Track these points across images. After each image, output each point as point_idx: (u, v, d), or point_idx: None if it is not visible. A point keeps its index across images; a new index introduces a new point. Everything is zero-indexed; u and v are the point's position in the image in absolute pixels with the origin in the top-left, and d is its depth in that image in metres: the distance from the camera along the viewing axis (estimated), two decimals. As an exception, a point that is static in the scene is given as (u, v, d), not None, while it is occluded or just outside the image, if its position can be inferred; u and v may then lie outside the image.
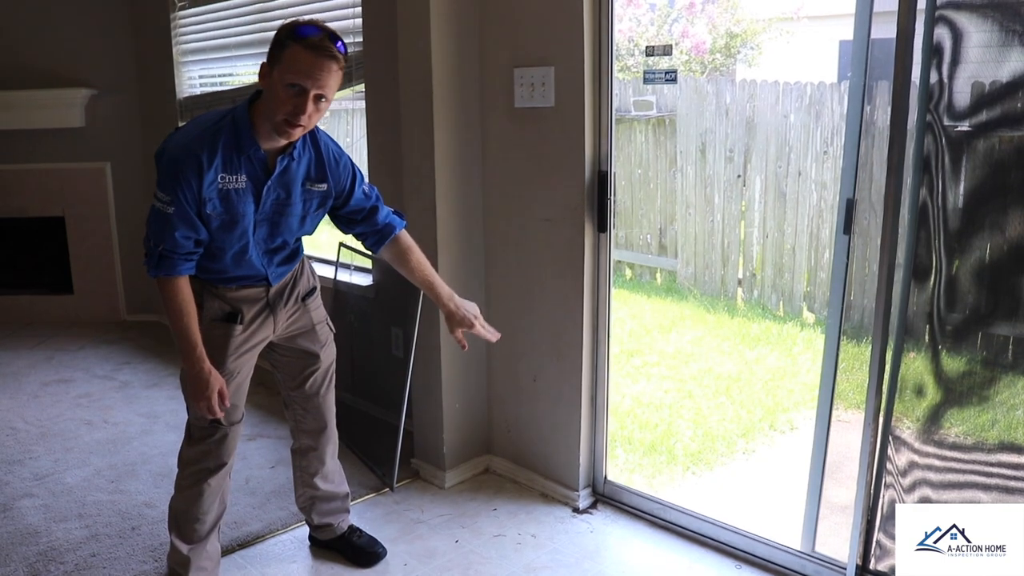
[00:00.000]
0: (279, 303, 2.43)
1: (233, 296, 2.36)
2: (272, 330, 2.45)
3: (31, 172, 5.56)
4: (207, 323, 2.32)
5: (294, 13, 4.01)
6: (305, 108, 2.05)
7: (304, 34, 2.04)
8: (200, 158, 2.09)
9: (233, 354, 2.37)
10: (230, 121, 2.16)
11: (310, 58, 2.02)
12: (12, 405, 4.28)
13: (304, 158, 2.27)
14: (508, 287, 3.21)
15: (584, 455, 3.11)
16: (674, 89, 6.55)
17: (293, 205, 2.29)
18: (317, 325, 2.56)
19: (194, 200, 2.12)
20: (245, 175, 2.17)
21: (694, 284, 6.54)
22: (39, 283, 5.89)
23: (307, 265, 2.57)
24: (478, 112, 3.12)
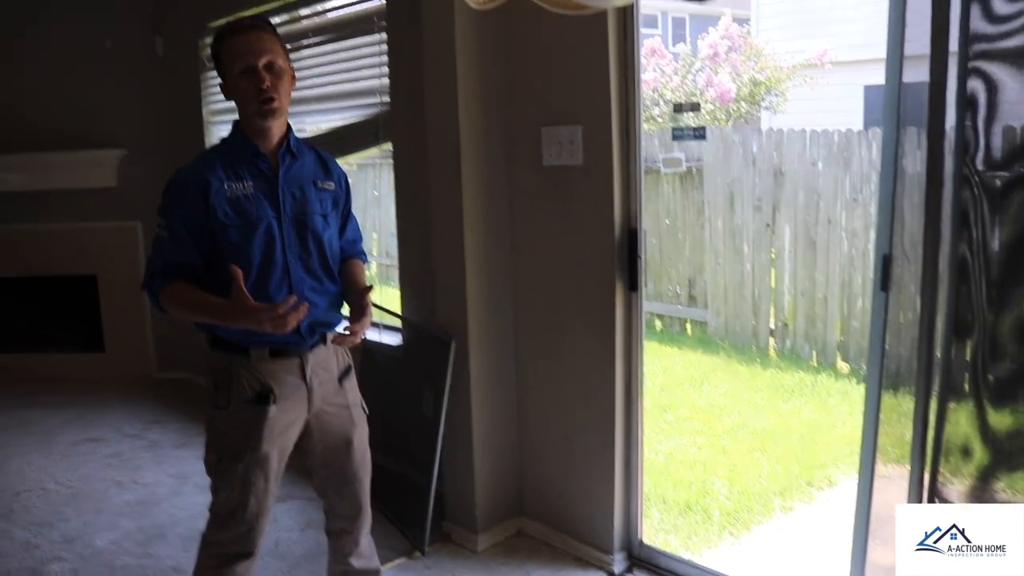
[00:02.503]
0: (315, 379, 2.27)
1: (267, 368, 2.20)
2: (307, 409, 2.28)
3: (64, 231, 5.64)
4: (237, 404, 2.18)
5: (321, 72, 4.07)
6: (264, 79, 2.08)
7: (223, 29, 2.15)
8: (200, 173, 2.12)
9: (268, 437, 2.20)
10: (222, 141, 2.25)
11: (239, 40, 2.10)
12: (43, 464, 4.28)
13: (308, 157, 2.30)
14: (539, 346, 3.17)
15: (618, 517, 3.04)
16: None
17: (311, 203, 2.24)
18: (352, 408, 2.41)
19: (194, 215, 2.10)
20: (251, 182, 2.16)
21: (725, 335, 6.47)
22: (71, 341, 5.93)
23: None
24: (506, 171, 3.11)
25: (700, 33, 9.11)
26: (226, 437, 2.22)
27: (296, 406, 2.25)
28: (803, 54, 9.31)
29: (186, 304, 2.11)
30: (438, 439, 3.21)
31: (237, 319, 2.02)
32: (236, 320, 2.03)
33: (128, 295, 5.66)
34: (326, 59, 4.04)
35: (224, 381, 2.19)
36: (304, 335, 2.22)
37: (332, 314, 2.34)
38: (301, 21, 4.24)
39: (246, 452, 2.18)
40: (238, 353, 2.19)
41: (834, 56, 9.60)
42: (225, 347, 2.20)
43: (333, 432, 2.37)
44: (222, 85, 2.17)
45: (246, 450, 2.18)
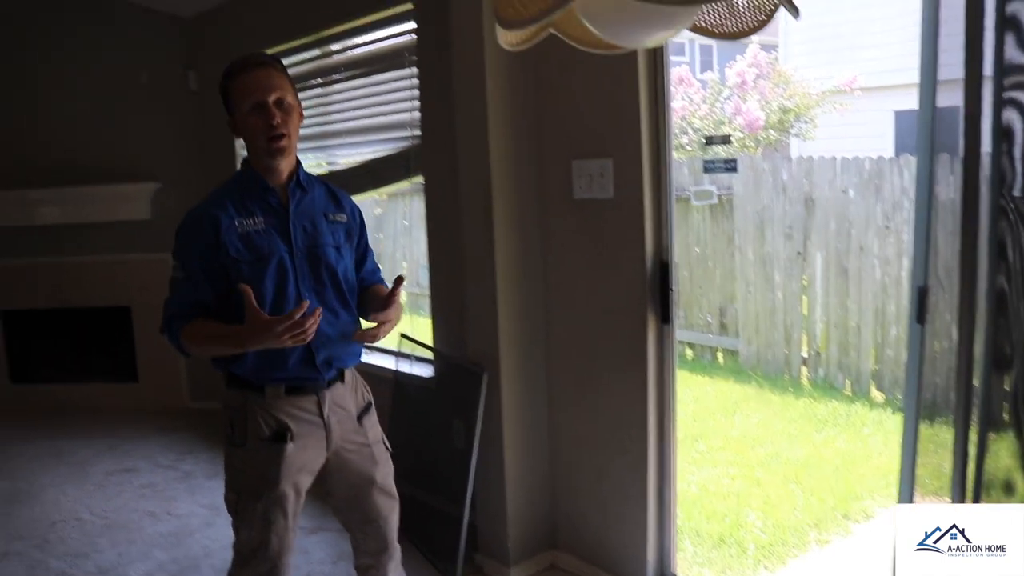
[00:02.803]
0: (333, 417, 2.25)
1: (283, 406, 2.18)
2: (326, 448, 2.25)
3: (100, 264, 5.72)
4: (253, 443, 2.16)
5: (353, 106, 4.11)
6: (274, 115, 2.10)
7: (232, 66, 2.15)
8: (210, 211, 2.12)
9: (286, 475, 2.17)
10: (232, 180, 2.24)
11: (249, 77, 2.11)
12: (78, 495, 4.32)
13: (317, 190, 2.29)
14: (571, 379, 3.17)
15: (652, 551, 3.01)
16: (729, 166, 6.54)
17: (323, 235, 2.23)
18: (374, 445, 2.37)
19: (207, 253, 2.10)
20: (262, 217, 2.15)
21: (757, 364, 6.42)
22: (105, 371, 6.00)
23: (360, 379, 2.42)
24: (537, 204, 3.12)
25: (728, 61, 9.12)
26: (244, 475, 2.20)
27: (314, 444, 2.23)
28: (832, 80, 9.28)
29: (205, 338, 2.10)
30: (470, 471, 3.20)
31: (256, 338, 1.98)
32: (255, 339, 1.99)
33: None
34: (357, 93, 4.08)
35: (240, 419, 2.18)
36: (320, 369, 2.20)
37: (349, 345, 2.30)
38: (332, 56, 4.29)
39: (264, 491, 2.16)
40: (253, 391, 2.17)
41: (863, 82, 9.57)
42: (241, 385, 2.19)
43: (354, 471, 2.33)
44: (231, 122, 2.17)
45: (264, 489, 2.16)
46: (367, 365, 4.08)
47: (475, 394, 3.14)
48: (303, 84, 4.48)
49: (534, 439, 3.25)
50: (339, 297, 2.25)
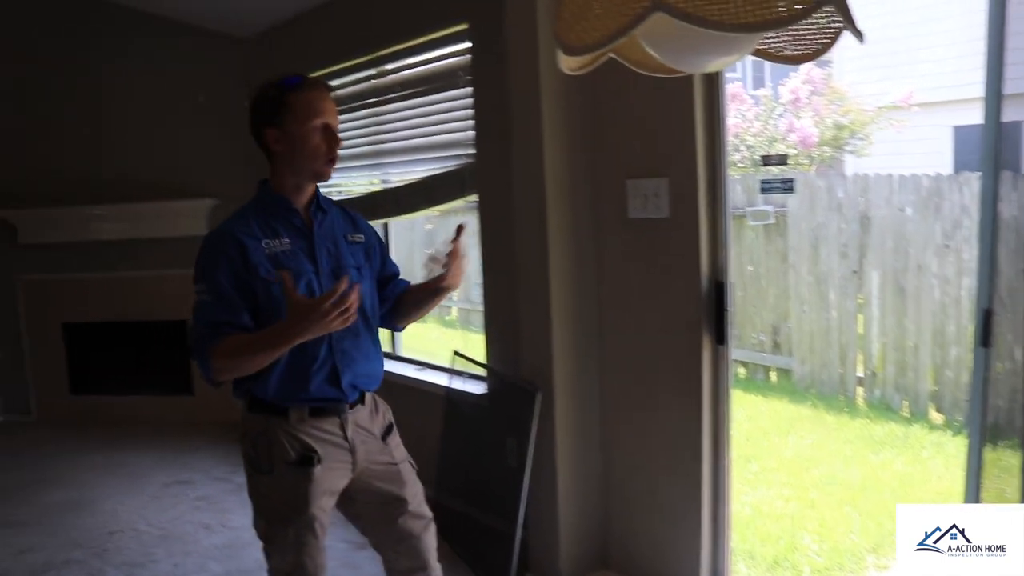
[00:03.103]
0: (357, 439, 2.23)
1: (308, 429, 2.16)
2: (351, 469, 2.23)
3: (157, 278, 5.83)
4: (280, 468, 2.13)
5: (407, 127, 4.15)
6: (338, 142, 2.14)
7: (297, 82, 2.12)
8: (235, 234, 2.09)
9: (315, 498, 2.14)
10: (253, 201, 2.21)
11: (318, 95, 2.12)
12: (135, 506, 4.39)
13: (335, 212, 2.30)
14: (625, 400, 3.15)
15: (705, 572, 2.97)
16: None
17: (344, 256, 2.24)
18: (400, 464, 2.35)
19: (236, 275, 2.06)
20: (288, 238, 2.15)
21: (811, 383, 6.33)
22: (161, 384, 6.11)
23: (381, 401, 2.39)
24: (591, 223, 3.12)
25: (781, 78, 9.02)
26: (271, 501, 2.18)
27: (340, 466, 2.21)
28: (888, 96, 9.15)
29: (242, 349, 2.02)
30: (523, 489, 3.20)
31: (301, 325, 1.91)
32: (300, 327, 1.92)
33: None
34: (412, 112, 4.12)
35: (264, 444, 2.15)
36: (345, 391, 2.20)
37: (372, 367, 2.29)
38: (387, 75, 4.34)
39: (294, 515, 2.14)
40: (277, 414, 2.15)
41: (920, 97, 9.41)
42: (263, 409, 2.16)
43: (382, 491, 2.31)
44: (273, 132, 2.12)
45: (293, 513, 2.14)
46: (419, 382, 4.12)
47: (528, 412, 3.14)
48: (357, 103, 4.54)
49: (587, 458, 3.24)
50: (363, 318, 2.23)
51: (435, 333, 8.69)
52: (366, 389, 2.29)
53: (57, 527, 4.13)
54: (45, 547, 3.88)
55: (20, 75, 5.89)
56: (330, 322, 1.89)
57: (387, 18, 4.16)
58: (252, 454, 2.18)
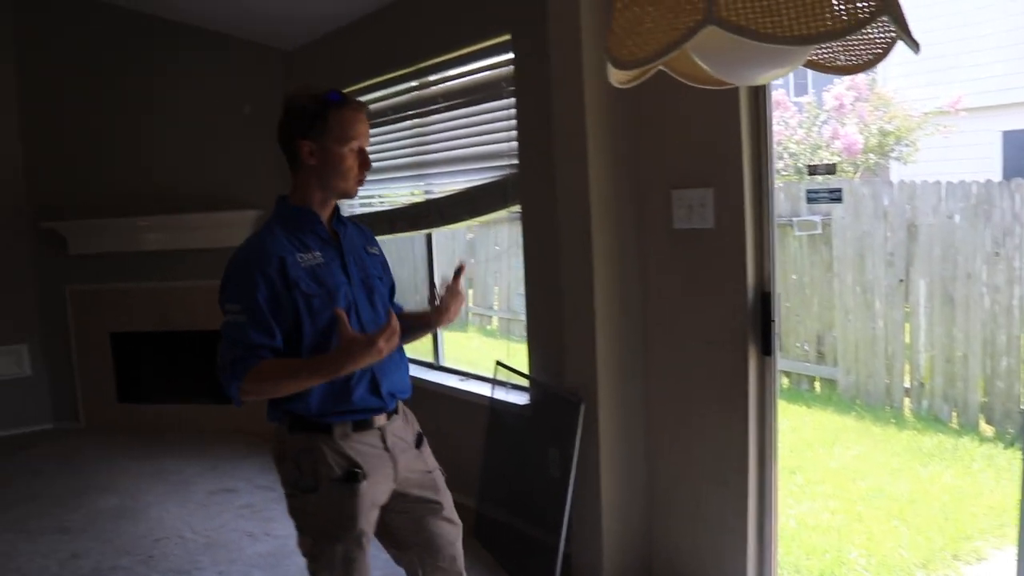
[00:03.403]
0: (396, 449, 2.25)
1: (352, 444, 2.16)
2: (393, 479, 2.24)
3: (202, 289, 5.88)
4: (326, 485, 2.12)
5: (449, 138, 4.17)
6: (369, 164, 2.16)
7: (338, 98, 2.12)
8: (273, 250, 2.08)
9: (362, 513, 2.14)
10: (276, 218, 2.19)
11: (357, 115, 2.13)
12: (180, 513, 4.44)
13: (351, 227, 2.31)
14: (669, 410, 3.13)
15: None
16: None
17: (370, 268, 2.27)
18: (434, 471, 2.38)
19: (273, 294, 2.05)
20: (319, 252, 2.15)
21: (856, 394, 6.23)
22: (206, 392, 6.16)
23: (409, 412, 2.41)
24: (636, 234, 3.11)
25: (824, 84, 8.92)
26: (318, 519, 2.16)
27: (384, 478, 2.21)
28: (935, 101, 9.00)
29: (280, 373, 2.04)
30: (567, 500, 3.19)
31: (354, 358, 1.95)
32: (353, 360, 1.96)
33: (261, 349, 5.87)
34: (454, 123, 4.14)
35: (308, 463, 2.13)
36: (386, 400, 2.21)
37: (404, 376, 2.32)
38: (429, 87, 4.36)
39: (343, 532, 2.13)
40: (321, 431, 2.15)
41: (968, 102, 9.25)
42: (307, 427, 2.15)
43: (419, 497, 2.33)
44: (309, 144, 2.12)
45: (342, 530, 2.13)
46: (462, 392, 4.13)
47: (573, 423, 3.13)
48: (400, 114, 4.57)
49: (631, 469, 3.22)
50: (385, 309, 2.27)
51: (476, 342, 8.70)
52: (402, 397, 2.31)
53: (105, 533, 4.19)
54: (93, 553, 3.94)
55: (70, 89, 6.02)
56: (381, 351, 1.95)
57: (430, 30, 4.18)
58: (295, 474, 2.17)
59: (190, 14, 5.50)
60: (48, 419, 6.34)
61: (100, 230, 6.01)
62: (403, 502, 2.30)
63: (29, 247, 6.15)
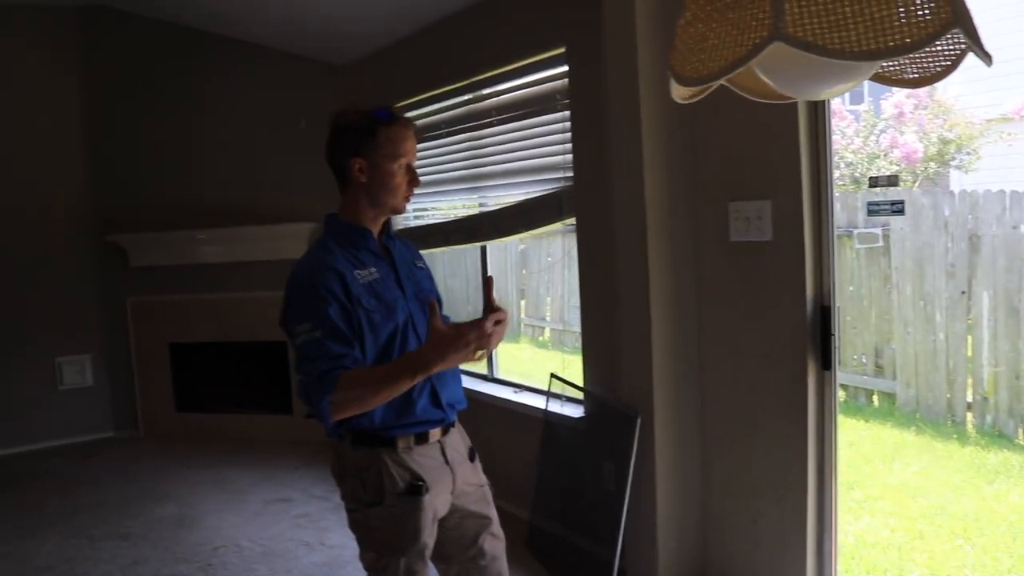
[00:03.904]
0: (455, 461, 2.25)
1: (414, 457, 2.16)
2: (452, 491, 2.24)
3: (258, 300, 5.99)
4: (390, 499, 2.12)
5: (505, 149, 4.17)
6: (417, 181, 2.17)
7: (387, 115, 2.12)
8: (333, 266, 2.07)
9: (425, 526, 2.14)
10: (329, 235, 2.19)
11: (406, 133, 2.13)
12: (237, 522, 4.50)
13: (399, 241, 2.32)
14: (725, 424, 3.10)
15: (811, 606, 2.90)
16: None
17: (420, 281, 2.28)
18: (484, 485, 2.38)
19: (342, 308, 2.03)
20: (374, 268, 2.15)
21: (916, 408, 6.10)
22: (261, 403, 6.26)
23: (461, 427, 2.38)
24: (692, 247, 3.09)
25: (882, 92, 8.77)
26: (382, 533, 2.15)
27: (444, 491, 2.21)
28: (997, 108, 8.80)
29: (371, 379, 2.00)
30: (622, 514, 3.17)
31: (442, 353, 1.91)
32: (441, 355, 1.91)
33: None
34: (509, 136, 4.15)
35: (373, 478, 2.13)
36: (446, 411, 2.22)
37: (460, 387, 2.32)
38: (484, 100, 4.37)
39: (406, 545, 2.13)
40: (384, 445, 2.14)
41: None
42: (369, 442, 2.15)
43: (473, 512, 2.33)
44: (359, 162, 2.13)
45: (406, 543, 2.13)
46: (516, 404, 4.13)
47: (628, 437, 3.12)
48: (454, 127, 4.59)
49: (686, 483, 3.19)
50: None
51: (528, 353, 8.69)
52: (461, 407, 2.32)
53: (164, 540, 4.26)
54: (153, 560, 4.01)
55: (129, 105, 6.17)
56: (469, 353, 1.91)
57: (483, 43, 4.20)
58: (359, 489, 2.16)
59: (246, 31, 5.60)
60: (109, 427, 6.48)
61: (159, 243, 6.14)
62: (457, 516, 2.30)
63: (93, 260, 6.32)
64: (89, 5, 6.09)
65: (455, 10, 4.38)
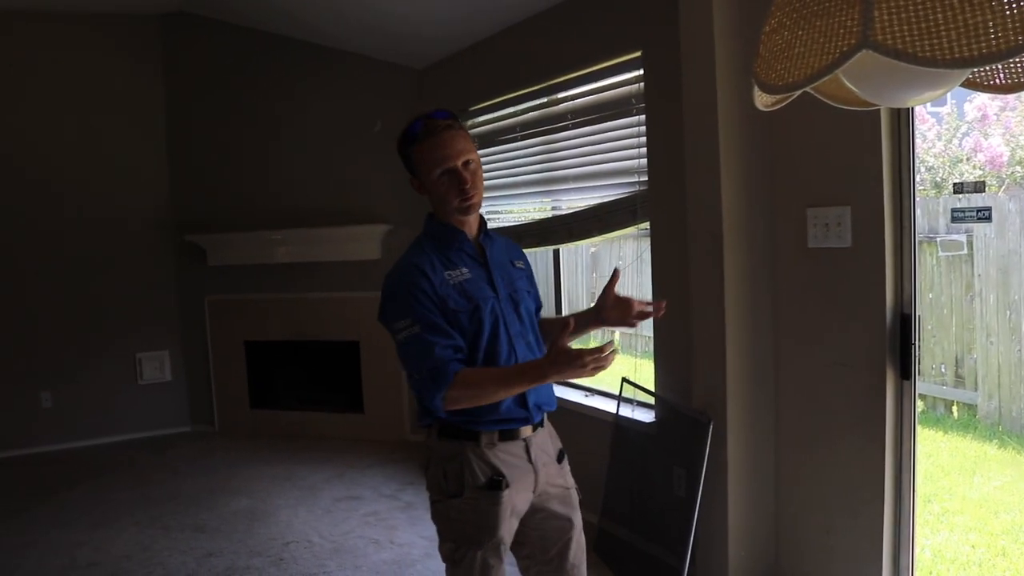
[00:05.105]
0: (539, 461, 2.27)
1: (497, 453, 2.19)
2: (533, 490, 2.26)
3: (332, 300, 6.10)
4: (471, 492, 2.16)
5: (578, 154, 4.17)
6: (464, 179, 2.14)
7: (415, 131, 2.16)
8: (421, 267, 2.13)
9: (503, 521, 2.17)
10: (425, 235, 2.26)
11: (436, 142, 2.13)
12: (309, 518, 4.58)
13: (499, 240, 2.34)
14: (800, 434, 3.05)
15: (887, 622, 2.83)
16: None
17: (516, 280, 2.30)
18: (571, 488, 2.38)
19: (434, 304, 2.10)
20: (466, 268, 2.19)
21: (999, 420, 5.91)
22: (334, 401, 6.36)
23: (552, 429, 2.42)
24: (769, 253, 3.05)
25: (963, 94, 8.53)
26: (461, 524, 2.20)
27: (525, 488, 2.24)
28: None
29: (487, 379, 2.10)
30: (692, 521, 3.14)
31: (559, 368, 2.00)
32: (558, 369, 2.00)
33: (387, 361, 6.01)
34: (584, 140, 4.14)
35: (455, 469, 2.18)
36: (531, 411, 2.23)
37: (550, 388, 2.32)
38: (558, 104, 4.38)
39: (483, 538, 2.16)
40: (469, 439, 2.19)
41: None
42: (454, 434, 2.20)
43: (557, 513, 2.33)
44: (413, 181, 2.23)
45: (483, 537, 2.16)
46: (587, 407, 4.12)
47: (700, 443, 3.09)
48: (529, 131, 4.60)
49: (759, 493, 3.15)
50: (536, 339, 2.31)
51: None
52: (548, 409, 2.33)
53: (238, 533, 4.36)
54: (227, 552, 4.10)
55: (209, 107, 6.34)
56: (587, 371, 1.97)
57: (559, 47, 4.20)
58: (442, 479, 2.22)
59: (325, 35, 5.69)
60: (186, 422, 6.66)
61: (236, 243, 6.29)
62: (540, 516, 2.32)
63: (172, 259, 6.51)
64: (172, 12, 6.27)
65: (531, 13, 4.39)
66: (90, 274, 6.27)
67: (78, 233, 6.22)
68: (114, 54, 6.27)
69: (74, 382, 6.29)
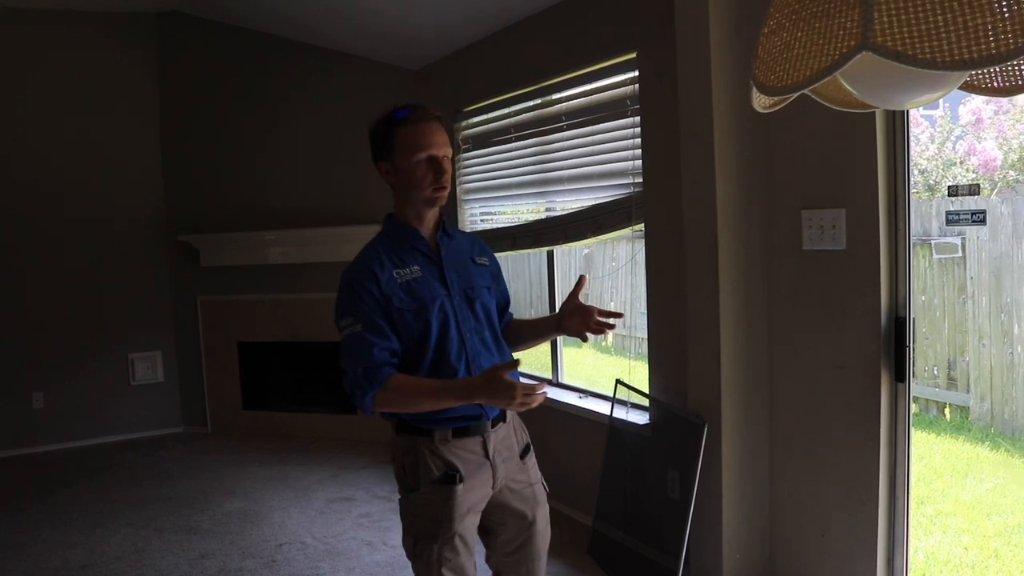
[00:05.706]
0: (498, 457, 2.28)
1: (451, 448, 2.22)
2: (492, 485, 2.28)
3: (326, 301, 6.00)
4: (425, 486, 2.20)
5: (573, 155, 4.17)
6: (444, 169, 2.18)
7: (405, 115, 2.18)
8: (369, 267, 2.17)
9: (458, 516, 2.20)
10: (381, 234, 2.30)
11: (424, 128, 2.16)
12: (302, 519, 4.57)
13: (460, 236, 2.37)
14: (794, 434, 3.05)
15: (880, 623, 2.84)
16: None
17: (474, 277, 2.31)
18: (535, 485, 2.40)
19: (378, 304, 2.14)
20: (417, 266, 2.22)
21: (991, 422, 5.93)
22: (327, 402, 6.35)
23: (519, 420, 2.44)
24: (763, 255, 3.05)
25: (957, 97, 8.56)
26: (419, 519, 2.23)
27: (482, 484, 2.25)
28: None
29: (415, 391, 2.13)
30: (687, 523, 3.14)
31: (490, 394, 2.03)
32: (488, 395, 2.03)
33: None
34: (578, 141, 4.14)
35: (411, 463, 2.23)
36: (487, 409, 2.24)
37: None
38: (552, 105, 4.37)
39: (439, 532, 2.19)
40: (422, 435, 2.22)
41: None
42: (409, 430, 2.24)
43: (517, 509, 2.36)
44: (384, 165, 2.23)
45: (438, 530, 2.19)
46: (581, 409, 4.12)
47: (695, 445, 3.09)
48: (523, 132, 4.60)
49: (753, 494, 3.15)
50: (494, 336, 2.33)
51: (590, 359, 8.66)
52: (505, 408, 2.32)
53: (230, 535, 4.35)
54: (220, 554, 4.09)
55: (203, 108, 6.33)
56: (512, 403, 2.00)
57: (554, 48, 4.20)
58: (400, 473, 2.27)
59: (321, 36, 5.69)
60: (178, 423, 6.65)
61: (230, 243, 6.28)
62: (500, 512, 2.35)
63: (166, 260, 6.50)
64: (167, 12, 6.26)
65: (527, 15, 4.39)
66: (83, 274, 6.26)
67: (71, 233, 6.21)
68: (108, 53, 6.26)
69: (66, 383, 6.27)
